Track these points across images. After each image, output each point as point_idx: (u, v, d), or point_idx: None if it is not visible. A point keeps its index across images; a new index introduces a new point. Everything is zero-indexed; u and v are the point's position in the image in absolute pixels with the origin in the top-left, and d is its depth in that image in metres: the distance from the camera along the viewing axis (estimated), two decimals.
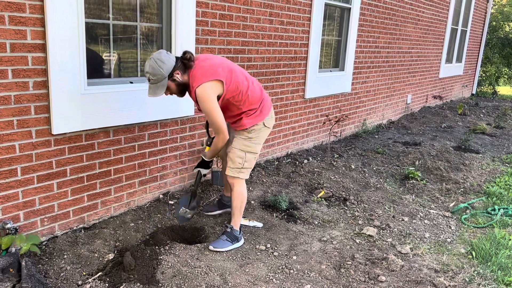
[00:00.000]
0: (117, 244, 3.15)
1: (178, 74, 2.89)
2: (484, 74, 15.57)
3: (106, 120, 3.28)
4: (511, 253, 3.34)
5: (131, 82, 3.52)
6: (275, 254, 3.20)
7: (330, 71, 6.15)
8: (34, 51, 2.80)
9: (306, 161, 5.31)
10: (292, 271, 2.98)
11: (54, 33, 2.83)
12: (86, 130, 3.20)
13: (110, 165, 3.44)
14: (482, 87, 14.96)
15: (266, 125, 3.15)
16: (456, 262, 3.23)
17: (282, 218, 3.78)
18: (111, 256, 2.99)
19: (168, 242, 3.16)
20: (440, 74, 10.29)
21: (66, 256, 2.90)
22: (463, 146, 6.56)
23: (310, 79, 5.57)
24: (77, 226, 3.32)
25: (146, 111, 3.56)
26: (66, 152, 3.12)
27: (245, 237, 3.38)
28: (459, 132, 7.74)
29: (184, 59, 2.90)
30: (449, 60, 10.85)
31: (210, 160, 3.20)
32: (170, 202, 3.85)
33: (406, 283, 2.90)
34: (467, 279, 2.98)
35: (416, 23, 8.30)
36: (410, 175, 5.01)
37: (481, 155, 6.17)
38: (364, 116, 7.31)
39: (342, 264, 3.11)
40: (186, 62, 2.90)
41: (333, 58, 6.29)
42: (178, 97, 3.07)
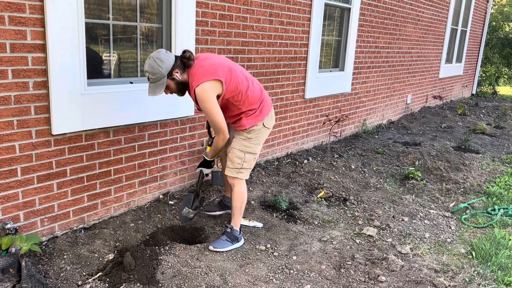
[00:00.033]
0: (117, 244, 3.15)
1: (177, 72, 2.89)
2: (484, 74, 15.57)
3: (106, 120, 3.28)
4: (511, 253, 3.34)
5: (131, 83, 3.52)
6: (275, 254, 3.20)
7: (330, 71, 6.15)
8: (34, 52, 2.81)
9: (306, 161, 5.31)
10: (292, 271, 2.98)
11: (54, 33, 2.83)
12: (86, 130, 3.20)
13: (110, 165, 3.44)
14: (482, 87, 14.96)
15: (266, 125, 3.15)
16: (456, 262, 3.23)
17: (282, 218, 3.79)
18: (111, 256, 2.99)
19: (168, 242, 3.16)
20: (440, 74, 10.29)
21: (66, 256, 2.90)
22: (463, 146, 6.56)
23: (310, 79, 5.57)
24: (77, 226, 3.32)
25: (146, 111, 3.56)
26: (66, 152, 3.12)
27: (245, 237, 3.38)
28: (459, 132, 7.74)
29: (183, 58, 2.90)
30: (449, 60, 10.85)
31: (212, 159, 3.23)
32: (170, 202, 3.85)
33: (406, 283, 2.90)
34: (467, 279, 2.98)
35: (416, 23, 8.31)
36: (410, 175, 5.01)
37: (481, 155, 6.17)
38: (364, 116, 7.31)
39: (342, 264, 3.11)
40: (185, 61, 2.90)
41: (333, 58, 6.29)
42: (178, 96, 3.08)
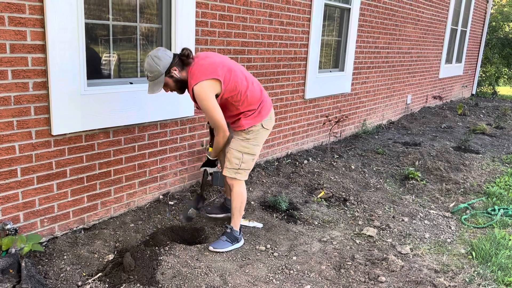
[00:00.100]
0: (117, 244, 3.15)
1: (175, 70, 2.89)
2: (484, 75, 15.58)
3: (106, 120, 3.28)
4: (511, 253, 3.34)
5: (131, 83, 3.52)
6: (275, 254, 3.20)
7: (330, 72, 6.15)
8: (34, 52, 2.81)
9: (306, 161, 5.31)
10: (292, 272, 2.98)
11: (54, 34, 2.83)
12: (86, 130, 3.20)
13: (110, 165, 3.44)
14: (482, 87, 14.97)
15: (265, 126, 3.14)
16: (456, 263, 3.23)
17: (282, 219, 3.78)
18: (111, 256, 2.99)
19: (168, 243, 3.16)
20: (440, 74, 10.29)
21: (66, 256, 2.90)
22: (463, 147, 6.56)
23: (310, 80, 5.57)
24: (77, 227, 3.32)
25: (146, 112, 3.56)
26: (66, 152, 3.12)
27: (245, 237, 3.38)
28: (459, 132, 7.74)
29: (182, 56, 2.91)
30: (449, 60, 10.85)
31: (215, 158, 3.24)
32: (170, 203, 3.85)
33: (406, 284, 2.90)
34: (467, 280, 2.98)
35: (416, 24, 8.31)
36: (410, 176, 5.01)
37: (481, 156, 6.17)
38: (364, 116, 7.31)
39: (342, 264, 3.10)
40: (184, 59, 2.92)
41: (333, 58, 6.29)
42: (178, 94, 3.09)
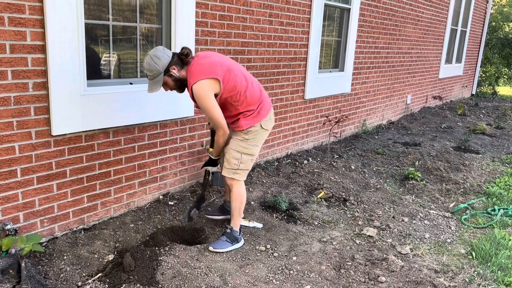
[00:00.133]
0: (117, 245, 3.15)
1: (174, 69, 2.90)
2: (484, 75, 15.58)
3: (106, 121, 3.28)
4: (511, 253, 3.34)
5: (131, 83, 3.52)
6: (275, 254, 3.20)
7: (330, 72, 6.15)
8: (33, 52, 2.81)
9: (306, 161, 5.31)
10: (292, 272, 2.98)
11: (54, 34, 2.83)
12: (86, 131, 3.20)
13: (110, 166, 3.44)
14: (482, 88, 14.97)
15: (264, 127, 3.13)
16: (456, 263, 3.23)
17: (282, 219, 3.78)
18: (111, 257, 2.99)
19: (168, 243, 3.16)
20: (439, 74, 10.29)
21: (66, 257, 2.90)
22: (463, 147, 6.56)
23: (310, 80, 5.57)
24: (77, 227, 3.32)
25: (146, 112, 3.56)
26: (66, 153, 3.12)
27: (245, 238, 3.38)
28: (459, 132, 7.74)
29: (181, 55, 2.93)
30: (448, 60, 10.85)
31: (217, 157, 3.24)
32: (170, 203, 3.85)
33: (406, 284, 2.90)
34: (467, 280, 2.98)
35: (415, 24, 8.31)
36: (410, 176, 5.01)
37: (481, 156, 6.17)
38: (364, 116, 7.31)
39: (342, 264, 3.10)
40: (183, 58, 2.93)
41: (332, 58, 6.29)
42: (178, 93, 3.09)
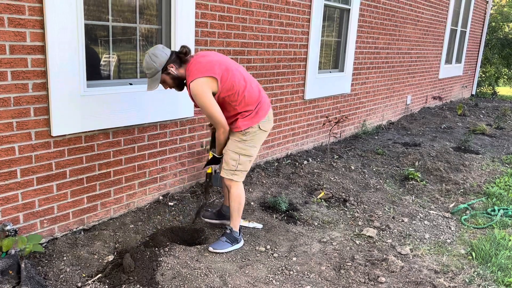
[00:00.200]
0: (116, 245, 3.15)
1: (172, 67, 2.91)
2: (483, 75, 15.59)
3: (106, 121, 3.28)
4: (511, 253, 3.34)
5: (131, 84, 3.52)
6: (275, 255, 3.19)
7: (330, 72, 6.15)
8: (33, 53, 2.81)
9: (305, 162, 5.31)
10: (292, 272, 2.98)
11: (54, 35, 2.84)
12: (86, 131, 3.20)
13: (109, 166, 3.44)
14: (482, 88, 14.98)
15: (262, 128, 3.11)
16: (456, 263, 3.23)
17: (282, 219, 3.78)
18: (111, 257, 2.99)
19: (167, 244, 3.16)
20: (439, 74, 10.29)
21: (65, 258, 2.90)
22: (463, 147, 6.56)
23: (310, 80, 5.57)
24: (76, 228, 3.32)
25: (146, 113, 3.56)
26: (65, 153, 3.12)
27: (244, 238, 3.37)
28: (459, 132, 7.74)
29: (180, 53, 2.94)
30: (448, 60, 10.86)
31: (220, 156, 3.23)
32: (170, 204, 3.85)
33: (406, 284, 2.90)
34: (467, 280, 2.97)
35: (415, 24, 8.31)
36: (410, 176, 5.00)
37: (481, 156, 6.17)
38: (363, 117, 7.31)
39: (342, 265, 3.10)
40: (182, 56, 2.94)
41: (332, 59, 6.29)
42: (176, 91, 3.11)
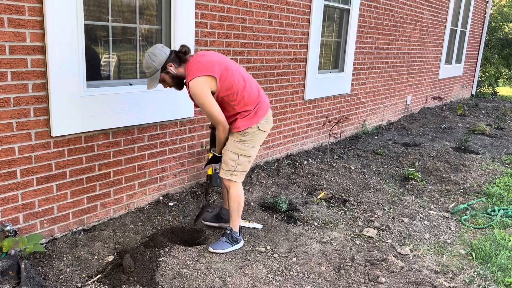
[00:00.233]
0: (116, 246, 3.15)
1: (171, 66, 2.92)
2: (483, 75, 15.59)
3: (106, 122, 3.28)
4: (511, 254, 3.34)
5: (131, 84, 3.52)
6: (275, 255, 3.19)
7: (330, 72, 6.15)
8: (33, 54, 2.81)
9: (305, 162, 5.31)
10: (292, 273, 2.98)
11: (54, 35, 2.84)
12: (86, 132, 3.20)
13: (109, 167, 3.44)
14: (482, 88, 14.98)
15: (261, 128, 3.11)
16: (456, 263, 3.23)
17: (282, 220, 3.78)
18: (111, 258, 2.99)
19: (167, 244, 3.16)
20: (439, 75, 10.29)
21: (65, 258, 2.90)
22: (463, 147, 6.56)
23: (310, 81, 5.57)
24: (76, 228, 3.32)
25: (146, 113, 3.56)
26: (65, 154, 3.12)
27: (244, 238, 3.37)
28: (459, 133, 7.74)
29: (179, 53, 2.95)
30: (448, 61, 10.86)
31: (220, 155, 3.23)
32: (169, 204, 3.85)
33: (406, 284, 2.90)
34: (467, 280, 2.97)
35: (415, 24, 8.31)
36: (410, 176, 5.00)
37: (481, 156, 6.17)
38: (363, 117, 7.31)
39: (342, 265, 3.10)
40: (181, 55, 2.95)
41: (332, 59, 6.29)
42: (176, 90, 3.11)
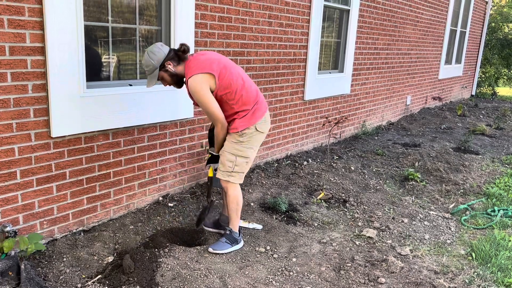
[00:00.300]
0: (116, 246, 3.15)
1: (170, 64, 2.94)
2: (483, 75, 15.60)
3: (106, 122, 3.29)
4: (511, 254, 3.34)
5: (131, 85, 3.52)
6: (275, 256, 3.19)
7: (330, 73, 6.15)
8: (33, 54, 2.81)
9: (305, 162, 5.31)
10: (291, 273, 2.98)
11: (53, 36, 2.84)
12: (86, 132, 3.20)
13: (109, 167, 3.44)
14: (482, 88, 14.99)
15: (259, 129, 3.10)
16: (456, 264, 3.23)
17: (282, 220, 3.78)
18: (111, 258, 2.98)
19: (167, 245, 3.16)
20: (439, 75, 10.30)
21: (65, 259, 2.90)
22: (463, 147, 6.56)
23: (309, 81, 5.57)
24: (76, 229, 3.32)
25: (145, 114, 3.56)
26: (65, 155, 3.12)
27: (244, 239, 3.37)
28: (459, 133, 7.75)
29: (178, 51, 2.96)
30: (448, 61, 10.86)
31: (218, 154, 3.22)
32: (169, 205, 3.85)
33: (405, 285, 2.90)
34: (467, 281, 2.97)
35: (415, 25, 8.32)
36: (409, 177, 5.00)
37: (480, 156, 6.17)
38: (363, 117, 7.31)
39: (341, 266, 3.10)
40: (180, 54, 2.96)
41: (332, 59, 6.29)
42: (175, 88, 3.12)
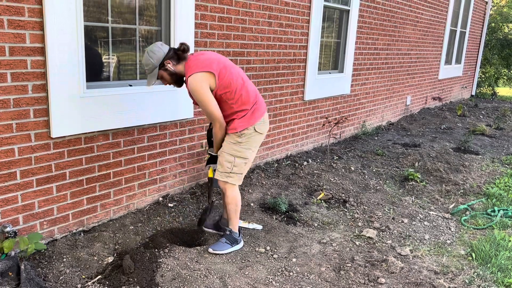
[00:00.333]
0: (116, 247, 3.15)
1: (169, 63, 2.94)
2: (483, 75, 15.60)
3: (105, 123, 3.29)
4: (511, 254, 3.34)
5: (130, 85, 3.52)
6: (275, 256, 3.19)
7: (329, 73, 6.15)
8: (33, 55, 2.81)
9: (305, 163, 5.31)
10: (291, 274, 2.98)
11: (53, 36, 2.84)
12: (85, 133, 3.20)
13: (109, 168, 3.44)
14: (482, 88, 14.99)
15: (258, 130, 3.10)
16: (456, 264, 3.23)
17: (282, 221, 3.78)
18: (111, 259, 2.99)
19: (167, 245, 3.16)
20: (439, 75, 10.30)
21: (65, 259, 2.90)
22: (463, 148, 6.56)
23: (309, 81, 5.57)
24: (76, 229, 3.32)
25: (145, 114, 3.56)
26: (65, 155, 3.12)
27: (244, 239, 3.37)
28: (459, 133, 7.75)
29: (178, 50, 2.96)
30: (448, 61, 10.86)
31: (217, 154, 3.22)
32: (169, 205, 3.85)
33: (405, 285, 2.90)
34: (467, 281, 2.97)
35: (415, 25, 8.32)
36: (409, 177, 5.00)
37: (480, 156, 6.17)
38: (363, 117, 7.31)
39: (341, 266, 3.10)
40: (180, 53, 2.96)
41: (332, 60, 6.29)
42: (175, 87, 3.12)
